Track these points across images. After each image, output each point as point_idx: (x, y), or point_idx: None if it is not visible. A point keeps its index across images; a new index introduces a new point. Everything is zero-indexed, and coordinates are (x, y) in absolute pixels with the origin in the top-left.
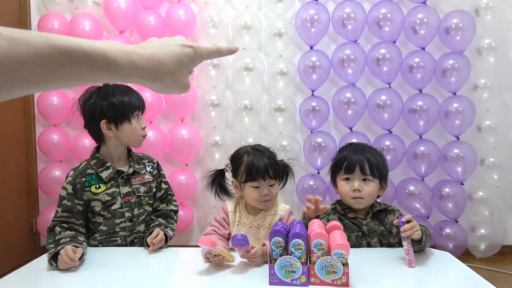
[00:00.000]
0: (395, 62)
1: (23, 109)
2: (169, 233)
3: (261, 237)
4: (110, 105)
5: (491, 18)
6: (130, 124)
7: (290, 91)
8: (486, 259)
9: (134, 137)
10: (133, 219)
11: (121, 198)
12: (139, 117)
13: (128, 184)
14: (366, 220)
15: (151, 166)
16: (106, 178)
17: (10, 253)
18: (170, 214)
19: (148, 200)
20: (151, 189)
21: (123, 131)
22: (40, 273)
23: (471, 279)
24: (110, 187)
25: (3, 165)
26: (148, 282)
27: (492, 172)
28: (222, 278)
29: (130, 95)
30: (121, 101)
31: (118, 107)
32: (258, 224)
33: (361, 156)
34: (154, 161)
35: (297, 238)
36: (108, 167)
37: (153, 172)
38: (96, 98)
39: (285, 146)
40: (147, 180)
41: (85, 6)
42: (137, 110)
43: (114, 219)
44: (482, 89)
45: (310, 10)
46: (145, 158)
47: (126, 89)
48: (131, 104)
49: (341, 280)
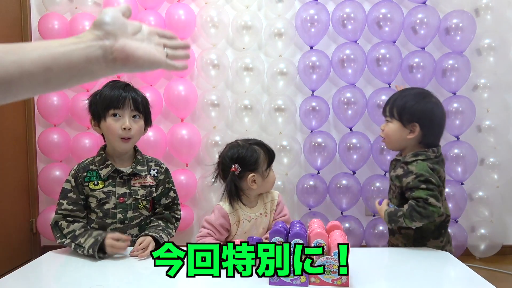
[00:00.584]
0: (395, 62)
1: (23, 109)
2: (162, 239)
3: (264, 225)
4: (91, 102)
5: (491, 18)
6: (105, 122)
7: (290, 91)
8: (486, 259)
9: (112, 138)
10: (125, 221)
11: (116, 199)
12: (120, 117)
13: (127, 185)
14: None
15: (157, 170)
16: (104, 176)
17: (10, 253)
18: (172, 220)
19: (146, 204)
20: (151, 193)
21: (103, 130)
22: (40, 273)
23: (471, 279)
24: (107, 186)
25: (3, 165)
26: (148, 282)
27: (492, 172)
28: (222, 278)
29: (115, 91)
30: (101, 97)
31: (97, 103)
32: (260, 214)
33: (392, 98)
34: (162, 166)
35: (297, 238)
36: (108, 165)
37: (158, 177)
38: (92, 96)
39: (285, 146)
40: (148, 184)
41: (85, 6)
42: (113, 108)
43: (106, 218)
44: (482, 89)
45: (310, 10)
46: (153, 161)
47: (119, 85)
48: (107, 99)
49: (341, 280)
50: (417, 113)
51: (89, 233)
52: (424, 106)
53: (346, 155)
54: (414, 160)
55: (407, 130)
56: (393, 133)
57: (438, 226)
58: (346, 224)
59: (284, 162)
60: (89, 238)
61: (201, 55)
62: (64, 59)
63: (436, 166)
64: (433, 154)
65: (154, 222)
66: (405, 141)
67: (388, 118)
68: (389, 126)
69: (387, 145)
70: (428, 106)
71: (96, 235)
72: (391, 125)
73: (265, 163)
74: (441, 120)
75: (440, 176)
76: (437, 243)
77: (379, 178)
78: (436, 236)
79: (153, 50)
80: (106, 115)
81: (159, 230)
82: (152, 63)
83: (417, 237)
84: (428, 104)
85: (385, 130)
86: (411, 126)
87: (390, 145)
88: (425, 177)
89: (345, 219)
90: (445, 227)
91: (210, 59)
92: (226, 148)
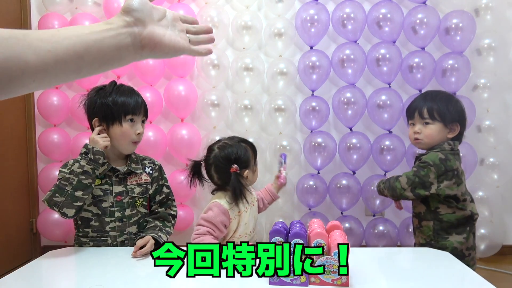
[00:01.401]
0: (395, 62)
1: (23, 109)
2: (162, 238)
3: (255, 213)
4: (102, 104)
5: (491, 18)
6: (121, 127)
7: (290, 91)
8: (486, 259)
9: (123, 141)
10: (124, 219)
11: (113, 197)
12: (135, 122)
13: (123, 183)
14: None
15: (151, 167)
16: (101, 174)
17: (10, 253)
18: (168, 217)
19: (143, 201)
20: (147, 191)
21: (113, 133)
22: (40, 273)
23: (471, 279)
24: (104, 184)
25: (3, 165)
26: (148, 282)
27: (492, 172)
28: (222, 278)
29: (129, 96)
30: (116, 101)
31: (111, 107)
32: (252, 203)
33: (422, 102)
34: (156, 163)
35: (297, 238)
36: (103, 163)
37: (152, 174)
38: (94, 96)
39: (285, 146)
40: (144, 181)
41: (85, 6)
42: (131, 114)
43: (104, 216)
44: (482, 89)
45: (310, 10)
46: (147, 159)
47: (127, 90)
48: (125, 105)
49: (341, 280)
50: (457, 114)
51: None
52: (460, 107)
53: (346, 155)
54: (428, 152)
55: (447, 129)
56: (436, 134)
57: (460, 219)
58: (346, 224)
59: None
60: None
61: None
62: (96, 47)
63: (450, 156)
64: (448, 147)
65: (151, 223)
66: (443, 140)
67: (429, 120)
68: (430, 128)
69: (423, 146)
70: (461, 107)
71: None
72: (432, 126)
73: (253, 158)
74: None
75: (452, 165)
76: (460, 239)
77: (379, 178)
78: (460, 232)
79: (177, 37)
80: (123, 120)
81: (157, 230)
82: (177, 50)
83: (437, 228)
84: (459, 105)
85: (425, 132)
86: (452, 126)
87: (426, 145)
88: (425, 163)
89: (345, 219)
90: (471, 224)
91: (210, 59)
92: (216, 150)
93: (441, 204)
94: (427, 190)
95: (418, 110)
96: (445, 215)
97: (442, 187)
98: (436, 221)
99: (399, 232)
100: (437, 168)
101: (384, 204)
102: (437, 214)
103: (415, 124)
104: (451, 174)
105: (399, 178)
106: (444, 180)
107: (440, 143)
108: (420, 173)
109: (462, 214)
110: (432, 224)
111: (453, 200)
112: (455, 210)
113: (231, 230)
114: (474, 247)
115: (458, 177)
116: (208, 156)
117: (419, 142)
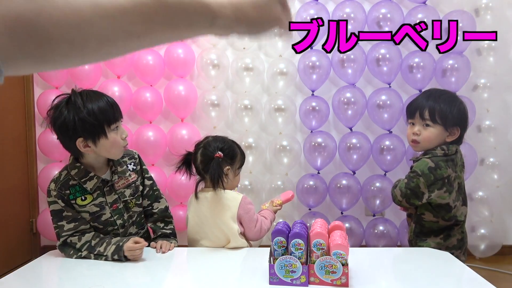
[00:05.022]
0: (395, 62)
1: (23, 109)
2: (175, 239)
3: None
4: (81, 121)
5: (491, 18)
6: (107, 139)
7: (290, 91)
8: (486, 259)
9: (115, 150)
10: (125, 224)
11: (109, 208)
12: (118, 128)
13: (113, 191)
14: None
15: (133, 163)
16: (92, 189)
17: (10, 253)
18: (166, 213)
19: (136, 201)
20: (137, 189)
21: (102, 147)
22: (40, 273)
23: (471, 279)
24: (97, 197)
25: (3, 165)
26: (148, 282)
27: (492, 172)
28: (222, 278)
29: (99, 100)
30: (92, 111)
31: (90, 121)
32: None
33: (424, 101)
34: (136, 156)
35: (297, 238)
36: (92, 177)
37: (136, 169)
38: (67, 113)
39: (285, 146)
40: (131, 181)
41: None
42: (113, 123)
43: (107, 228)
44: (482, 89)
45: (310, 10)
46: (125, 155)
47: (93, 94)
48: (103, 114)
49: (340, 280)
50: (459, 117)
51: (107, 241)
52: (463, 110)
53: (346, 155)
54: (419, 159)
55: (447, 133)
56: (435, 137)
57: (441, 227)
58: (346, 224)
59: (284, 162)
60: (108, 246)
61: (201, 55)
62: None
63: (441, 163)
64: (441, 152)
65: (157, 232)
66: (440, 143)
67: (430, 122)
68: (430, 131)
69: (418, 149)
70: (464, 110)
71: (116, 241)
72: (432, 129)
73: (239, 162)
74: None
75: (443, 173)
76: (437, 240)
77: (379, 178)
78: (438, 234)
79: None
80: (108, 131)
81: (166, 236)
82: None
83: (417, 231)
84: (462, 107)
85: (424, 134)
86: (453, 130)
87: (422, 149)
88: (414, 173)
89: (345, 219)
90: (452, 229)
91: (210, 59)
92: (209, 138)
93: (428, 211)
94: (419, 199)
95: (420, 110)
96: (428, 222)
97: (433, 196)
98: (418, 225)
99: (399, 232)
100: (426, 178)
101: (384, 204)
102: (420, 219)
103: (415, 124)
104: (441, 182)
105: (395, 190)
106: (435, 190)
107: (434, 148)
108: (410, 185)
109: (445, 224)
110: (413, 227)
111: (444, 211)
112: (440, 220)
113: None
114: (460, 247)
115: (449, 184)
116: (201, 141)
117: (416, 144)
